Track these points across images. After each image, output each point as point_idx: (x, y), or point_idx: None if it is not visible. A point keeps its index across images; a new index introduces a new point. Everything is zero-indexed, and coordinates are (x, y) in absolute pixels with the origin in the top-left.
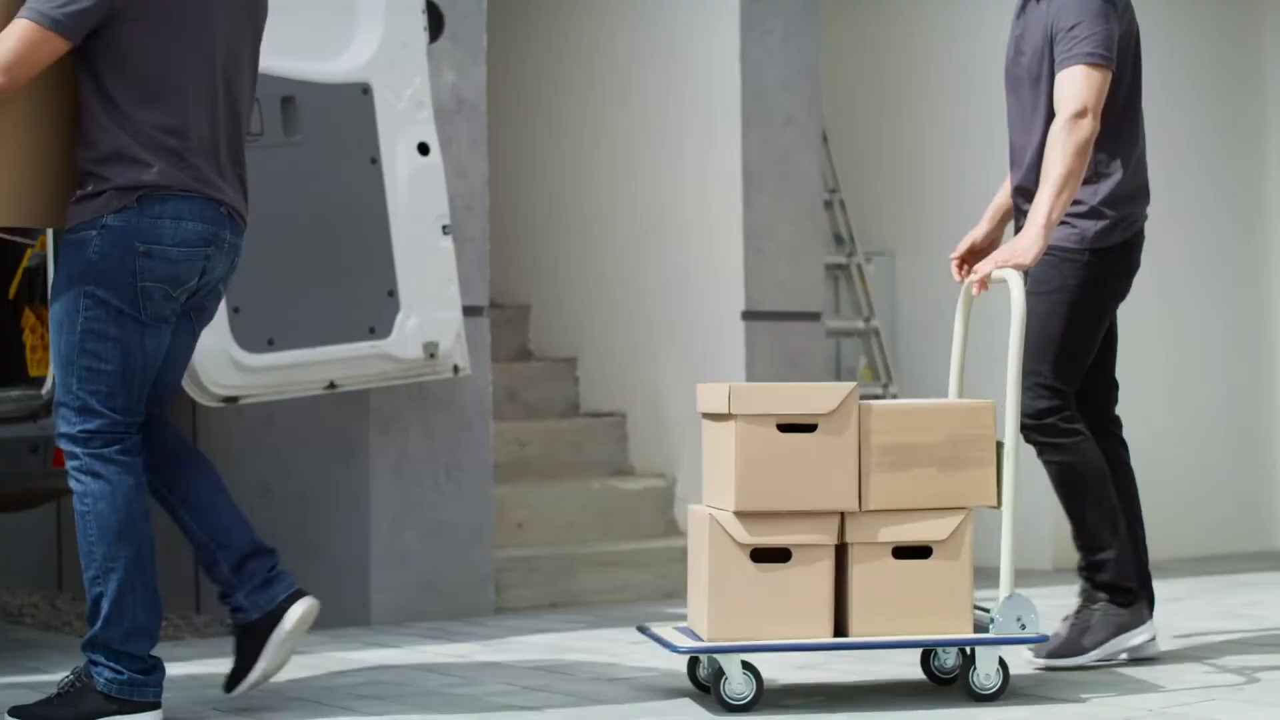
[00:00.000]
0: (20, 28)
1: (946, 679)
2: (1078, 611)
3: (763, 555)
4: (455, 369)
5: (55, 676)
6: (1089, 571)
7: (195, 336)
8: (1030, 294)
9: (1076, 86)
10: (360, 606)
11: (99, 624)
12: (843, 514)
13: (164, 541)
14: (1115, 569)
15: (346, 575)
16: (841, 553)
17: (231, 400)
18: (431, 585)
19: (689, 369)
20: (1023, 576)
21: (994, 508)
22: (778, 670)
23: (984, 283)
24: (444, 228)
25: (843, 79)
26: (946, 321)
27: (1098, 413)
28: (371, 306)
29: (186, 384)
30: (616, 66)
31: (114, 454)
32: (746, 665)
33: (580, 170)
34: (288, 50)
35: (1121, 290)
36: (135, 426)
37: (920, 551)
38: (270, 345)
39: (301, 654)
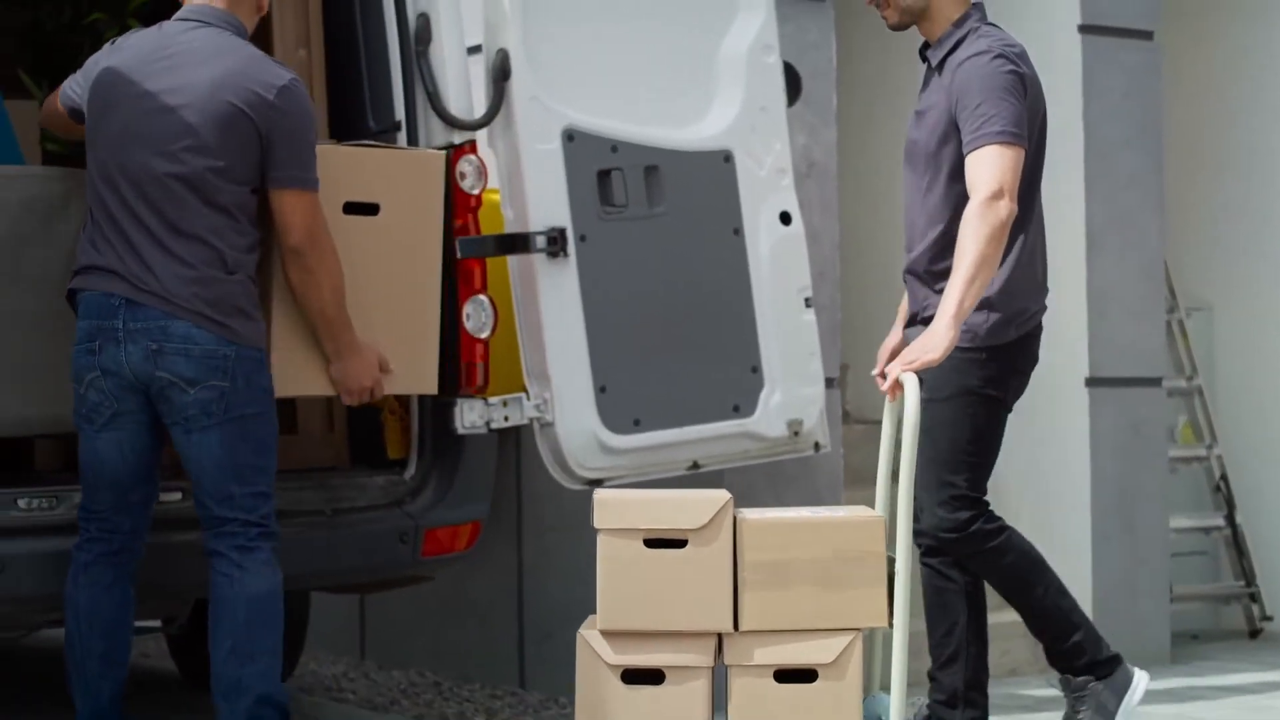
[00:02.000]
0: None
1: None
2: (1074, 713)
3: (635, 676)
4: (816, 446)
5: None
6: (1065, 661)
7: (201, 446)
8: (931, 401)
9: (990, 167)
10: None
11: None
12: (719, 635)
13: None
14: (1089, 647)
15: None
16: (719, 675)
17: (596, 483)
18: None
19: (1026, 435)
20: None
21: (885, 628)
22: None
23: (893, 389)
24: (806, 300)
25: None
26: (1267, 377)
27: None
28: (736, 383)
29: (552, 467)
30: None
31: (81, 546)
32: None
33: None
34: (648, 117)
35: (1022, 386)
36: (109, 529)
37: (805, 675)
38: (636, 426)
39: None
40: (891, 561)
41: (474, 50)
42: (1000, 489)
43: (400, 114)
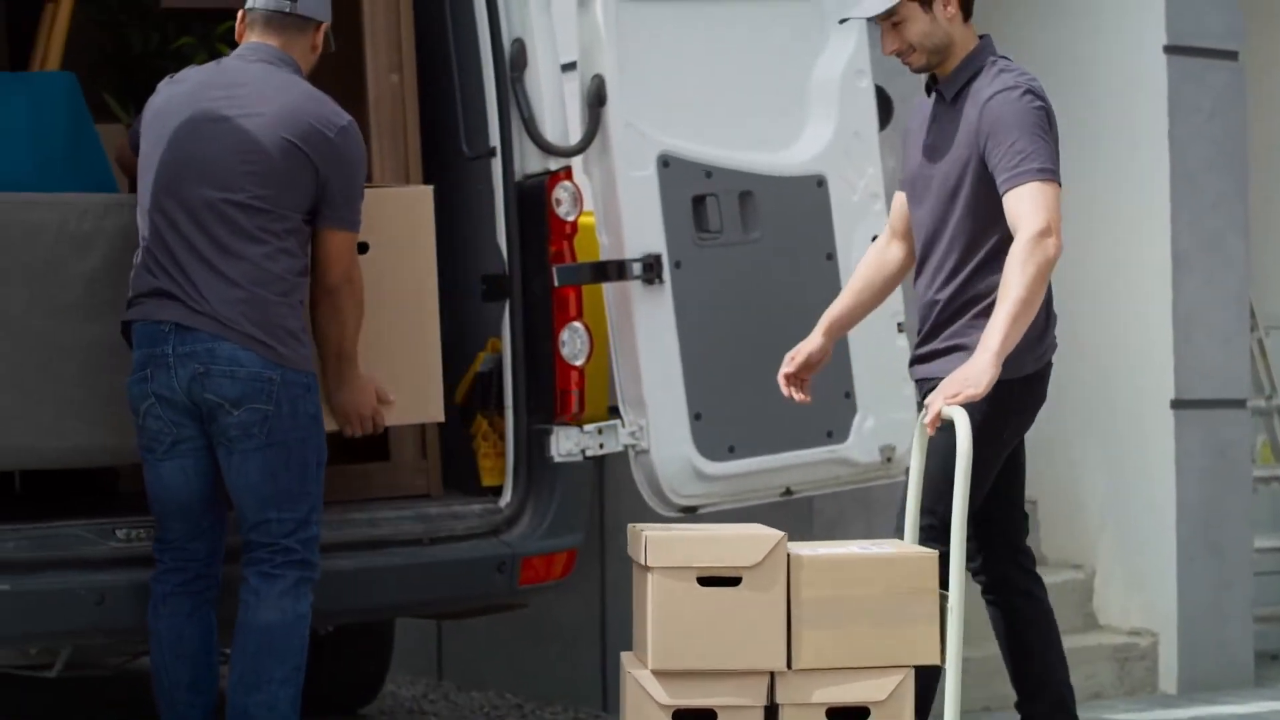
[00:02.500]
0: None
1: None
2: None
3: (686, 717)
4: (908, 472)
5: None
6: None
7: (240, 469)
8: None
9: (1035, 204)
10: None
11: None
12: (772, 673)
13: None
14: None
15: None
16: (772, 714)
17: (690, 510)
18: None
19: (1110, 457)
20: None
21: (937, 666)
22: None
23: (936, 420)
24: (898, 325)
25: None
26: None
27: (1009, 546)
28: (829, 409)
29: (647, 494)
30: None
31: (158, 578)
32: None
33: None
34: (741, 142)
35: (1025, 425)
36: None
37: (858, 713)
38: (731, 453)
39: None
40: (944, 598)
41: (568, 67)
42: (1082, 512)
43: (495, 140)
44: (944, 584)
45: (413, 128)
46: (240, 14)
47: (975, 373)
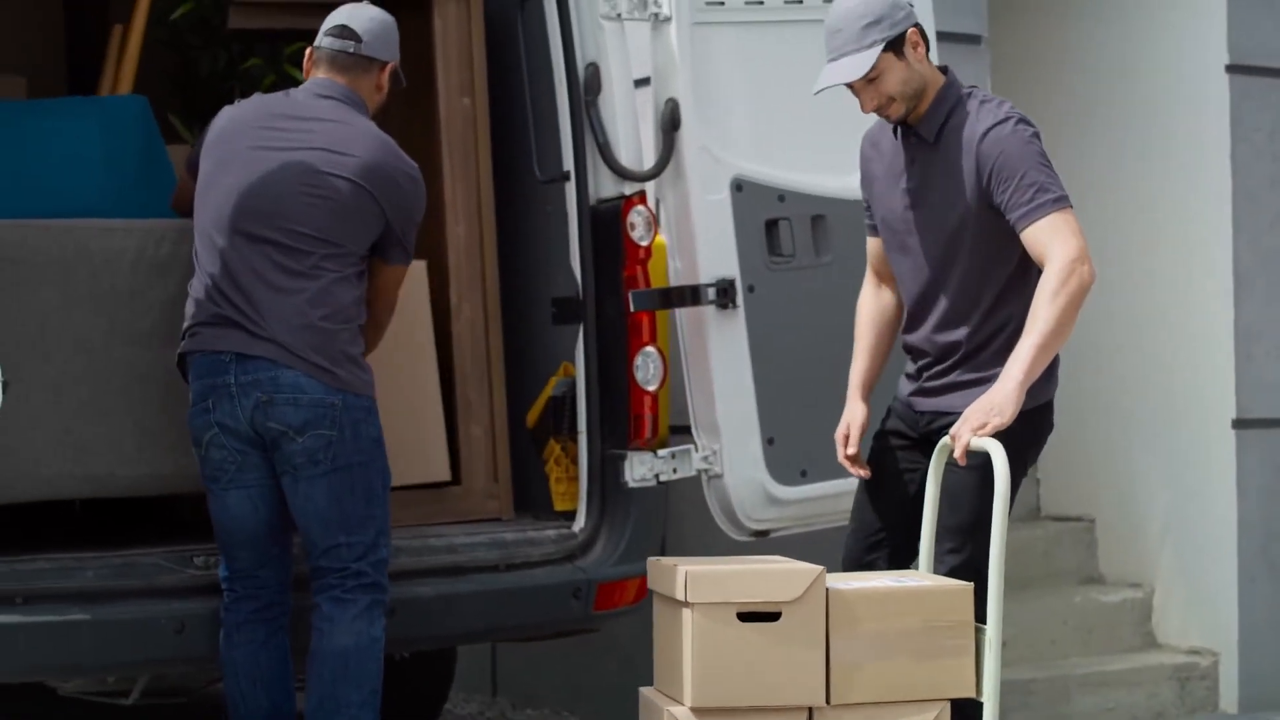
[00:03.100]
0: None
1: None
2: None
3: None
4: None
5: None
6: None
7: (307, 496)
8: (951, 467)
9: (1062, 234)
10: None
11: None
12: (810, 709)
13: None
14: None
15: None
16: None
17: (762, 534)
18: None
19: (1170, 475)
20: None
21: (975, 699)
22: None
23: (965, 452)
24: None
25: None
26: None
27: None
28: None
29: (719, 519)
30: (1101, 170)
31: (229, 607)
32: None
33: None
34: (813, 166)
35: (1034, 458)
36: (255, 585)
37: None
38: (803, 477)
39: None
40: (980, 631)
41: (639, 83)
42: (1141, 531)
43: (569, 164)
44: (978, 616)
45: (484, 150)
46: (309, 50)
47: (1000, 401)
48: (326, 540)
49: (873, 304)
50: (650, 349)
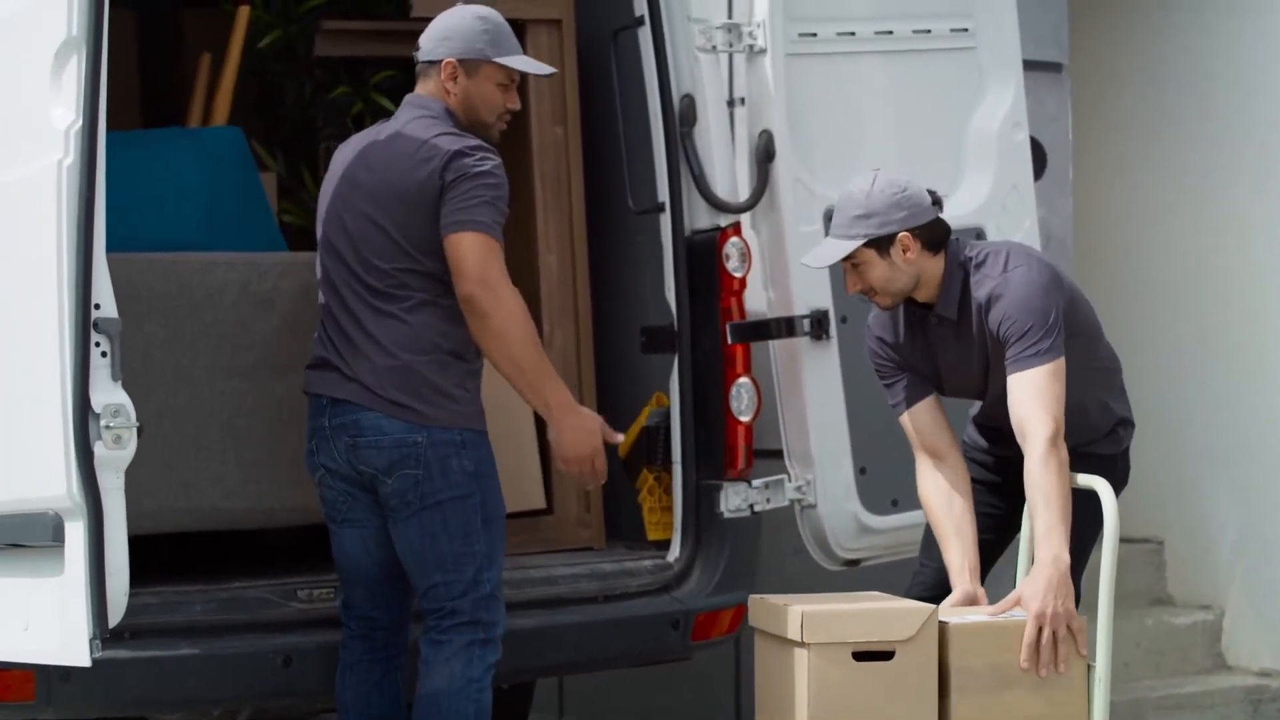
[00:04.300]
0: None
1: None
2: None
3: None
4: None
5: None
6: None
7: (403, 538)
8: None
9: (1045, 397)
10: None
11: None
12: None
13: None
14: None
15: None
16: None
17: (854, 563)
18: None
19: (1239, 497)
20: None
21: None
22: None
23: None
24: None
25: None
26: None
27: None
28: None
29: (812, 548)
30: (1204, 194)
31: (345, 645)
32: None
33: (1153, 288)
34: None
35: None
36: (368, 625)
37: None
38: (894, 506)
39: None
40: (1090, 668)
41: (733, 103)
42: (1211, 552)
43: (663, 196)
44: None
45: (576, 180)
46: None
47: (1060, 576)
48: (424, 581)
49: (939, 493)
50: (744, 380)
